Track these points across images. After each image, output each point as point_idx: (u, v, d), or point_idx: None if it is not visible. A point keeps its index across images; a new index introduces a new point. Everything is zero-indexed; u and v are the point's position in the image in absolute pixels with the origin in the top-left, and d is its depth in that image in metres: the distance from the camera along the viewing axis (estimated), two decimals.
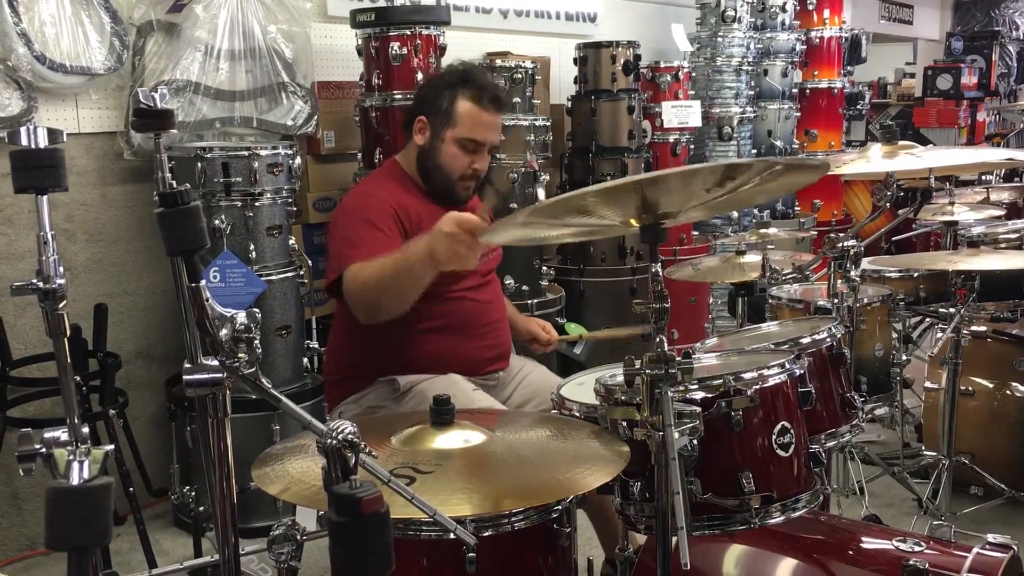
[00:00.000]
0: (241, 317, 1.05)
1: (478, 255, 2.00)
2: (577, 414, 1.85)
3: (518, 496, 1.50)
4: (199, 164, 3.14)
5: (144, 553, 2.94)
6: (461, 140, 2.45)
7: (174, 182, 1.01)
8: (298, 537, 1.48)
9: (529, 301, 3.88)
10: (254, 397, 1.24)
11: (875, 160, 2.42)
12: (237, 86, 3.55)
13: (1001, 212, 4.19)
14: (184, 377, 1.13)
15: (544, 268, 4.12)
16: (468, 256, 1.97)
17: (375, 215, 2.38)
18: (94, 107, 3.37)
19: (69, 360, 1.10)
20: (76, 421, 1.07)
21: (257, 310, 1.07)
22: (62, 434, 1.08)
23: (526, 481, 1.53)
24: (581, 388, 2.03)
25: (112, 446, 1.12)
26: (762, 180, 1.51)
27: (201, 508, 3.02)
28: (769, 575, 1.86)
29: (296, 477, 1.52)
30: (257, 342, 1.07)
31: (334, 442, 1.08)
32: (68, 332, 1.08)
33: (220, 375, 1.12)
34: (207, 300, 1.04)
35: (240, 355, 1.06)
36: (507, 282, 3.80)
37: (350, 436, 1.07)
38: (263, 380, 1.09)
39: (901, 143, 2.27)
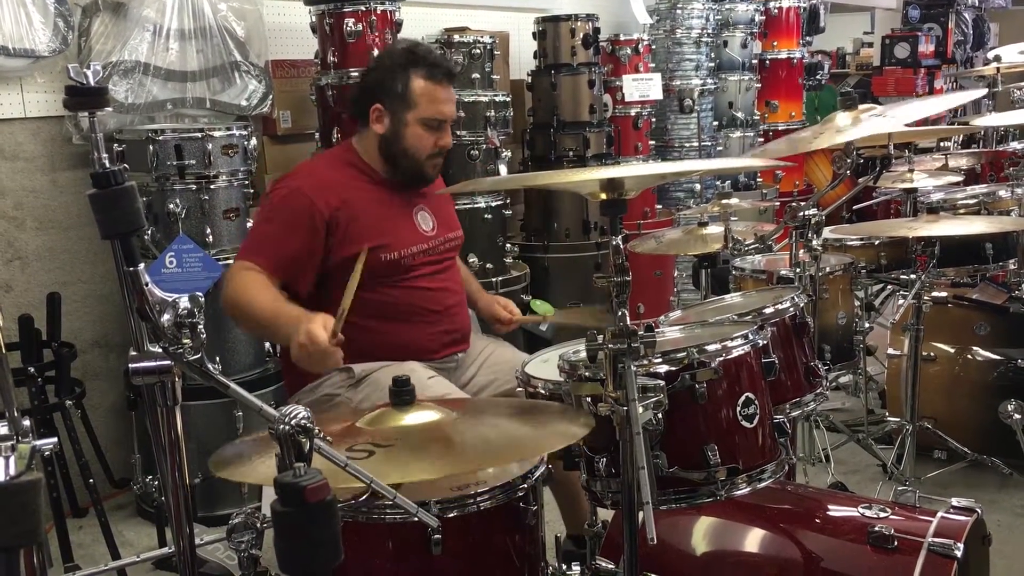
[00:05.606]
0: (184, 302, 1.01)
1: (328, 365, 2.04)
2: (543, 391, 1.83)
3: (480, 456, 1.47)
4: (151, 147, 3.06)
5: (107, 545, 2.89)
6: (424, 120, 2.42)
7: (107, 162, 0.97)
8: (258, 525, 1.45)
9: (493, 279, 3.85)
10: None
11: (844, 129, 2.38)
12: (188, 66, 3.47)
13: (959, 178, 4.21)
14: (130, 365, 1.09)
15: (508, 245, 4.09)
16: (319, 365, 2.04)
17: (292, 216, 2.32)
18: (40, 91, 3.27)
19: (4, 351, 1.05)
20: (15, 414, 1.02)
21: (200, 294, 1.03)
22: (2, 428, 1.03)
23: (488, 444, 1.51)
24: (546, 365, 2.00)
25: (56, 439, 1.08)
26: None
27: (164, 497, 2.97)
28: (736, 546, 1.87)
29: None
30: (201, 327, 1.03)
31: (287, 428, 1.05)
32: None
33: (167, 363, 1.08)
34: (146, 285, 1.00)
35: (184, 341, 1.02)
36: (471, 260, 3.76)
37: (303, 421, 1.04)
38: (209, 366, 1.05)
39: (862, 107, 2.26)
